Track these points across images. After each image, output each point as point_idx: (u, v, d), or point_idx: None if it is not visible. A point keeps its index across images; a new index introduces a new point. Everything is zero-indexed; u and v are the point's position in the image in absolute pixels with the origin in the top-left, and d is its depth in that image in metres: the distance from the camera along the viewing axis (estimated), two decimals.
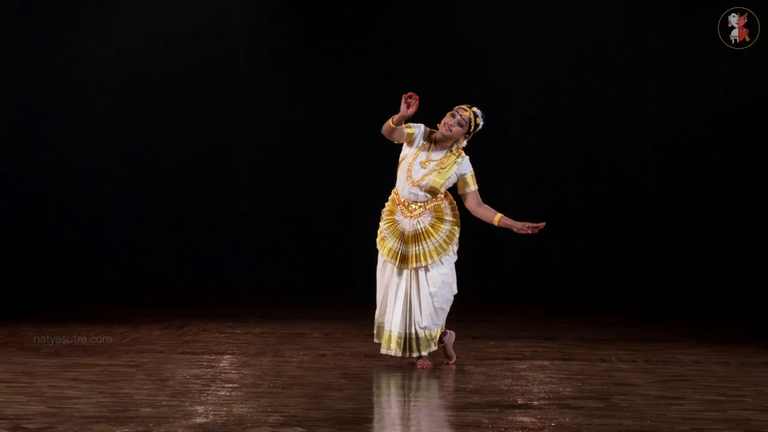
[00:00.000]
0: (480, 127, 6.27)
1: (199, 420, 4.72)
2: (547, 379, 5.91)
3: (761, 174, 11.03)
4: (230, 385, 5.59)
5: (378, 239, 6.33)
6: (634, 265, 11.19)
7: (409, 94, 5.96)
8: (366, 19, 11.45)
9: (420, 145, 6.25)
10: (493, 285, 11.04)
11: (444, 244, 6.20)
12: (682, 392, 5.53)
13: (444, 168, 6.19)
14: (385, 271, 6.28)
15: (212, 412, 4.88)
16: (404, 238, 6.20)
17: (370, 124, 11.50)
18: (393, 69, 11.35)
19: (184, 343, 7.18)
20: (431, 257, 6.16)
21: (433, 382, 5.87)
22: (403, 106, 5.98)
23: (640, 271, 11.18)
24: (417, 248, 6.17)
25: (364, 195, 10.48)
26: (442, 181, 6.17)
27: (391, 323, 6.19)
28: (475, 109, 6.26)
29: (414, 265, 6.17)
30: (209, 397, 5.24)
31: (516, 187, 11.23)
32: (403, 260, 6.20)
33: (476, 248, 10.87)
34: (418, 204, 6.22)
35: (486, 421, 4.78)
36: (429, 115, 6.47)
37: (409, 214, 6.22)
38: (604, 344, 7.34)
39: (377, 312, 6.32)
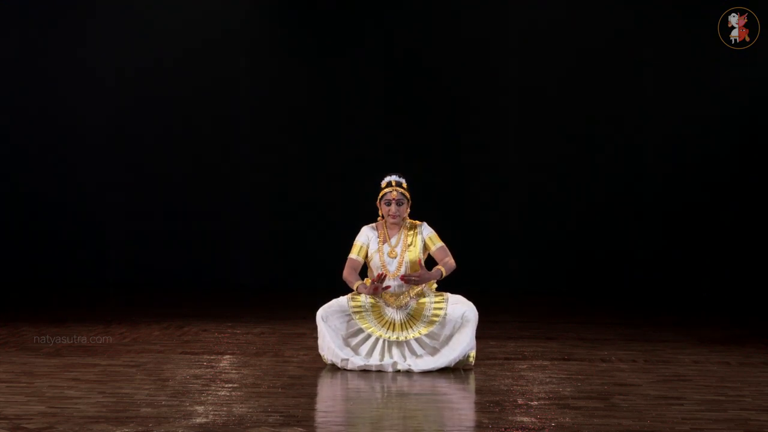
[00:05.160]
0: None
1: (199, 420, 4.72)
2: (547, 379, 5.90)
3: (761, 173, 11.03)
4: (230, 385, 5.59)
5: (353, 304, 6.22)
6: (633, 265, 11.20)
7: (379, 276, 6.10)
8: (366, 26, 11.45)
9: (376, 241, 6.31)
10: (493, 285, 11.03)
11: (437, 311, 6.20)
12: (682, 392, 5.53)
13: (410, 244, 6.28)
14: (355, 325, 6.19)
15: (212, 412, 4.88)
16: (390, 326, 6.21)
17: (370, 127, 11.56)
18: (393, 72, 11.37)
19: (184, 343, 7.18)
20: (424, 330, 6.18)
21: (433, 382, 5.87)
22: (371, 290, 6.13)
23: (640, 271, 11.18)
24: (407, 333, 6.19)
25: (365, 196, 10.44)
26: (417, 252, 6.26)
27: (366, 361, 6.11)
28: (394, 178, 6.33)
29: (409, 337, 6.16)
30: (209, 397, 5.24)
31: (516, 188, 11.21)
32: (389, 342, 6.18)
33: (477, 249, 10.89)
34: (405, 293, 6.28)
35: (486, 421, 4.78)
36: (435, 117, 6.44)
37: (395, 303, 6.27)
38: (604, 344, 7.33)
39: (331, 355, 6.15)
